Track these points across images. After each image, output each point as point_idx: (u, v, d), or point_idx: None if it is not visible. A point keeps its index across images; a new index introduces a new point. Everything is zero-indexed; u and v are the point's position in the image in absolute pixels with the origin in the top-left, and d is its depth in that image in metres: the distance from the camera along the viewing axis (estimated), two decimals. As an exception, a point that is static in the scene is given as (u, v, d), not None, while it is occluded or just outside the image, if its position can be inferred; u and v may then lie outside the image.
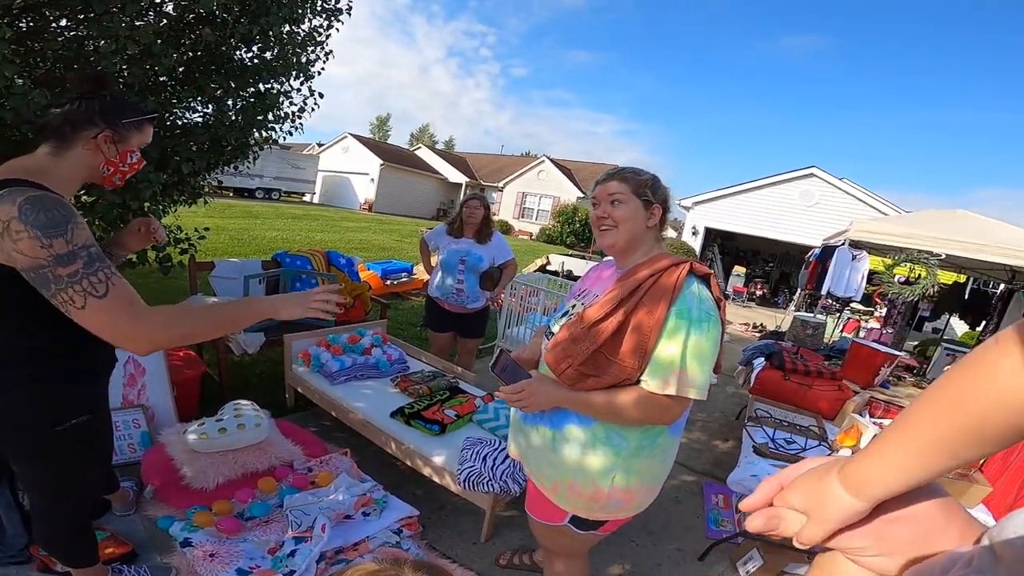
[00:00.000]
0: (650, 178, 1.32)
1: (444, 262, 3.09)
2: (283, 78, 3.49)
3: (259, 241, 9.53)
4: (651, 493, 1.37)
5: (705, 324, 1.17)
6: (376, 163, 23.99)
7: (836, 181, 13.63)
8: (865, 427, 2.40)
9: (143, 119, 1.30)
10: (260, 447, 2.16)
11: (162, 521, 1.87)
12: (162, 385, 2.52)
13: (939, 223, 5.53)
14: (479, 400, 2.67)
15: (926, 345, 7.71)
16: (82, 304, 1.01)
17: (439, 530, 2.19)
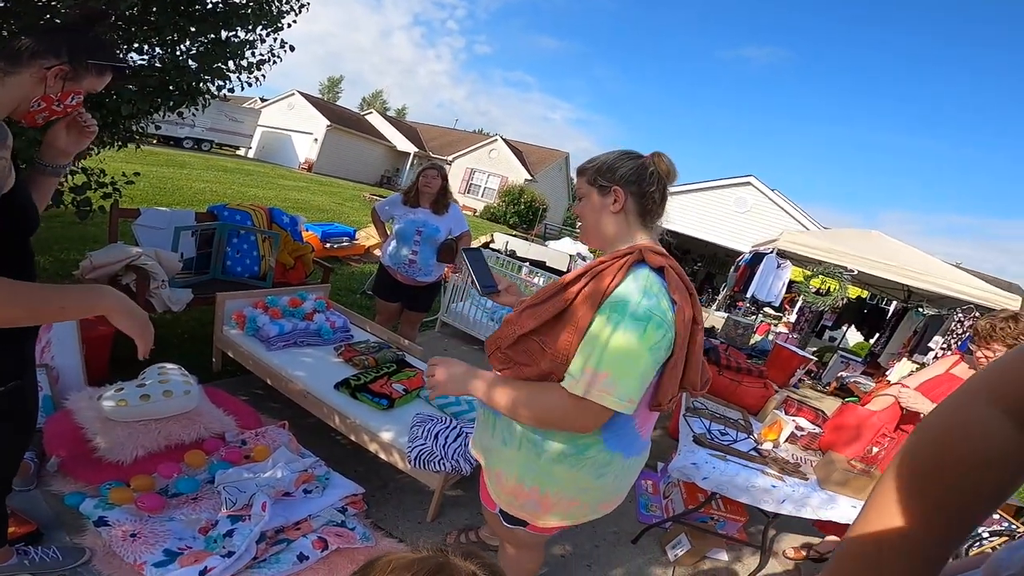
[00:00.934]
0: (605, 160, 1.16)
1: (400, 232, 2.97)
2: (250, 26, 3.23)
3: (184, 191, 8.74)
4: (580, 507, 1.23)
5: (642, 324, 0.98)
6: (323, 123, 22.84)
7: (769, 192, 14.55)
8: (785, 423, 2.60)
9: (108, 64, 1.15)
10: (187, 416, 1.97)
11: (70, 498, 1.65)
12: (71, 342, 2.21)
13: (856, 241, 6.10)
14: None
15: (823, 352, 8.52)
16: None
17: (384, 508, 2.12)
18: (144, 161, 11.13)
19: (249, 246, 3.30)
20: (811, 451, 2.54)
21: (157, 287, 2.75)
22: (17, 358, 1.18)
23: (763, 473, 2.17)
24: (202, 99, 3.29)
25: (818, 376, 7.06)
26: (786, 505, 2.10)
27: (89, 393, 1.95)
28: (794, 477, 2.20)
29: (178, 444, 1.90)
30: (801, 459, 2.42)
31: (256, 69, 3.40)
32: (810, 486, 2.16)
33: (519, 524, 1.29)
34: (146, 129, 3.38)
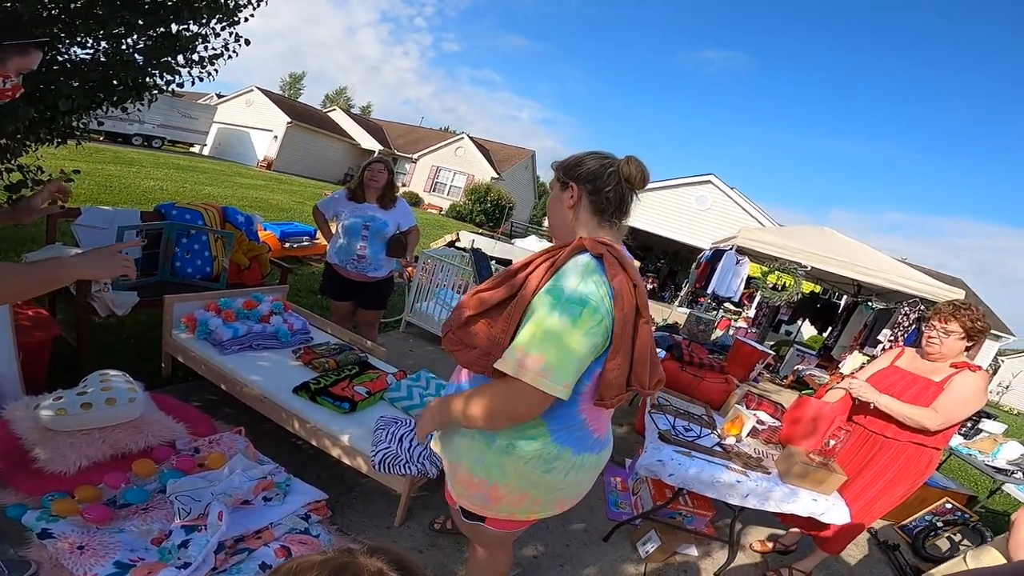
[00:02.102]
0: (574, 158, 1.21)
1: (347, 228, 2.90)
2: (203, 19, 3.07)
3: (131, 190, 8.31)
4: (530, 502, 1.22)
5: (576, 308, 1.01)
6: (283, 120, 22.23)
7: (728, 190, 15.05)
8: (747, 417, 2.65)
9: (29, 43, 1.10)
10: (133, 425, 1.85)
11: (12, 510, 1.54)
12: (5, 349, 2.07)
13: (809, 237, 6.36)
14: (391, 377, 2.55)
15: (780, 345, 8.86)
16: None
17: (349, 514, 2.07)
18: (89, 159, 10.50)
19: (200, 246, 3.14)
20: (772, 444, 2.60)
21: (99, 290, 2.59)
22: None
23: (728, 468, 2.20)
24: (148, 94, 3.12)
25: (776, 370, 7.33)
26: (750, 499, 2.13)
27: (26, 402, 1.83)
28: (757, 471, 2.24)
29: (125, 453, 1.80)
30: (763, 453, 2.47)
31: (209, 64, 3.24)
32: (772, 480, 2.20)
33: (478, 520, 1.29)
34: (88, 125, 3.16)
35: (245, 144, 23.04)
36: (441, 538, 2.07)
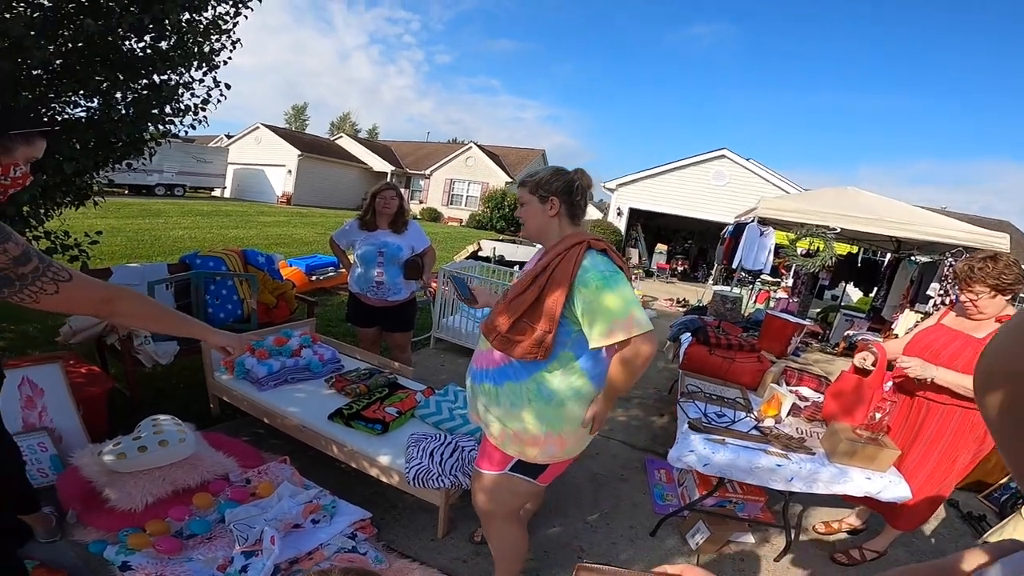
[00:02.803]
0: (545, 176, 1.51)
1: (362, 256, 2.97)
2: (182, 69, 3.19)
3: (163, 242, 8.70)
4: (582, 437, 1.54)
5: (615, 278, 1.37)
6: (294, 154, 22.69)
7: (744, 162, 14.67)
8: (784, 396, 2.54)
9: (33, 131, 1.20)
10: (189, 462, 2.01)
11: (94, 546, 1.74)
12: (65, 405, 2.29)
13: (834, 199, 6.13)
14: (420, 395, 2.63)
15: (827, 312, 8.54)
16: (55, 290, 1.12)
17: (394, 530, 2.14)
18: (117, 214, 11.11)
19: (228, 291, 3.30)
20: (817, 422, 2.46)
21: (141, 343, 2.75)
22: None
23: (765, 452, 2.11)
24: (147, 148, 3.24)
25: (825, 338, 7.07)
26: (796, 483, 2.04)
27: (91, 449, 2.02)
28: (799, 453, 2.13)
29: (184, 488, 1.97)
30: (807, 432, 2.35)
31: (200, 111, 3.34)
32: (818, 460, 2.09)
33: (533, 474, 1.55)
34: (99, 185, 3.31)
35: (262, 182, 23.67)
36: (483, 547, 2.12)
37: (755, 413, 2.56)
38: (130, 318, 1.27)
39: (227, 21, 3.34)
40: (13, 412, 2.15)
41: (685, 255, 17.00)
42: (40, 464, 2.10)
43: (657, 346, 1.40)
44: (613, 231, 15.23)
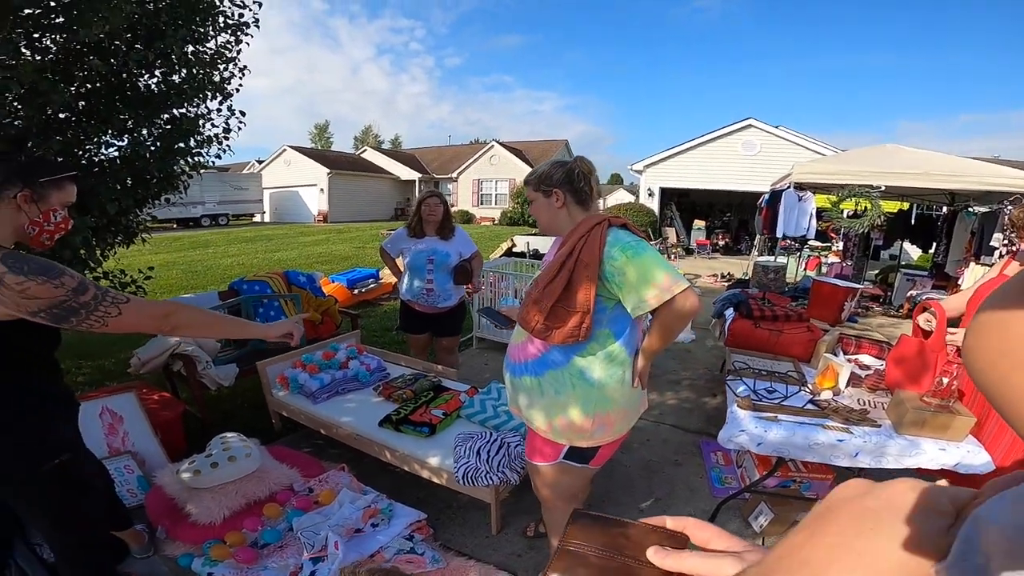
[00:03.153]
0: (544, 171, 1.55)
1: (411, 264, 3.02)
2: (197, 100, 3.33)
3: (214, 270, 9.18)
4: (628, 415, 1.57)
5: (640, 246, 1.42)
6: (323, 172, 23.35)
7: (773, 129, 14.12)
8: (840, 366, 2.41)
9: (62, 177, 1.30)
10: (256, 475, 2.14)
11: (182, 559, 1.89)
12: (143, 429, 2.50)
13: (874, 158, 5.82)
14: (464, 395, 2.68)
15: (886, 272, 8.07)
16: (117, 313, 1.21)
17: (450, 529, 2.20)
18: (170, 248, 11.82)
19: (275, 312, 3.47)
20: (882, 392, 2.31)
21: (204, 368, 2.93)
22: (66, 434, 1.40)
23: (823, 428, 2.01)
24: (179, 181, 3.38)
25: (887, 300, 6.70)
26: (862, 458, 1.92)
27: (171, 469, 2.19)
28: (863, 426, 2.01)
29: (256, 500, 2.10)
30: (871, 403, 2.21)
31: (223, 140, 3.45)
32: (884, 433, 1.97)
33: (586, 459, 1.57)
34: (144, 222, 3.48)
35: (297, 203, 24.49)
36: (537, 540, 2.15)
37: (810, 386, 2.46)
38: (190, 328, 1.36)
39: (230, 49, 3.45)
40: (98, 439, 2.35)
41: (725, 228, 16.46)
42: (128, 485, 2.29)
43: (697, 300, 1.40)
44: (647, 212, 14.93)
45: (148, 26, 2.92)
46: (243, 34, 3.48)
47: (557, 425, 1.53)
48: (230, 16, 3.39)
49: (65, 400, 1.41)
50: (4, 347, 1.19)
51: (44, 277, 1.13)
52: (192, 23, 3.14)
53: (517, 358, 1.59)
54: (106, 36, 2.67)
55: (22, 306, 1.12)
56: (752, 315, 3.28)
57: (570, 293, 1.42)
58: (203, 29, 3.24)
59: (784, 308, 3.46)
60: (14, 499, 1.39)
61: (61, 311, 1.15)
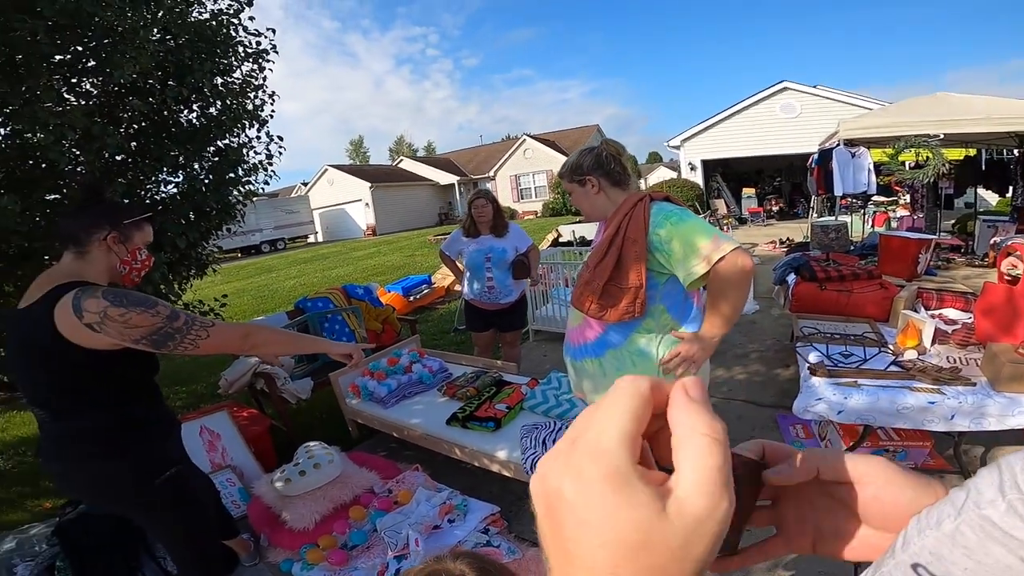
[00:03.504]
0: (574, 161, 1.57)
1: (470, 264, 3.10)
2: (236, 129, 3.47)
3: (280, 293, 9.72)
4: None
5: (683, 214, 1.42)
6: (365, 187, 24.10)
7: (811, 89, 13.49)
8: (922, 323, 2.25)
9: (141, 218, 1.43)
10: (340, 480, 2.27)
11: (284, 565, 2.03)
12: (238, 444, 2.72)
13: (925, 107, 5.50)
14: (525, 387, 2.72)
15: (964, 221, 7.47)
16: (206, 336, 1.31)
17: (523, 521, 2.25)
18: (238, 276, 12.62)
19: (340, 325, 3.65)
20: (973, 347, 2.14)
21: (283, 384, 3.14)
22: (172, 449, 1.53)
23: (911, 390, 1.88)
24: (236, 211, 3.55)
25: (970, 250, 6.18)
26: (959, 420, 1.79)
27: (265, 479, 2.37)
28: (955, 385, 1.87)
29: (342, 504, 2.23)
30: (962, 360, 2.06)
31: (267, 166, 3.59)
32: (980, 392, 1.82)
33: None
34: (211, 254, 3.68)
35: (346, 220, 25.43)
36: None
37: (891, 347, 2.31)
38: (266, 346, 1.45)
39: (255, 77, 3.59)
40: (201, 455, 2.57)
41: (778, 193, 15.65)
42: (232, 496, 2.48)
43: (750, 259, 1.37)
44: (691, 187, 14.45)
45: (175, 62, 3.08)
46: (264, 60, 3.60)
47: None
48: (248, 45, 3.52)
49: (168, 421, 1.54)
50: (111, 376, 1.31)
51: (142, 308, 1.24)
52: (214, 56, 3.28)
53: (576, 341, 1.60)
54: (139, 76, 2.82)
55: (126, 335, 1.23)
56: (816, 277, 3.13)
57: (621, 271, 1.43)
58: (226, 60, 3.38)
59: (851, 267, 3.28)
60: (137, 516, 1.52)
61: (159, 337, 1.26)
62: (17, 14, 2.18)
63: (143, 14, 2.76)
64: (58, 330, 1.21)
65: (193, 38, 3.16)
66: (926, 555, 0.24)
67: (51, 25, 2.37)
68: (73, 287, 1.25)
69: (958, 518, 0.24)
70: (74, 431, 1.33)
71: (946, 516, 0.24)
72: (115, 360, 1.29)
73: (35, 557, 2.10)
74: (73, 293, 1.22)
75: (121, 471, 1.38)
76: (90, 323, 1.20)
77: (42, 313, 1.22)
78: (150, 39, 2.68)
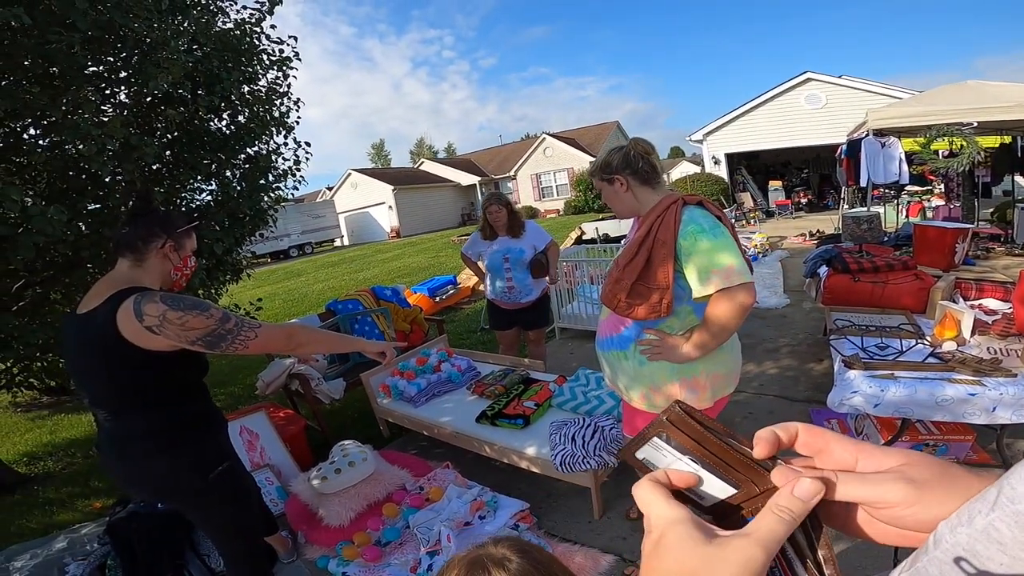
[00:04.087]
0: (603, 160, 1.59)
1: (490, 266, 3.15)
2: (265, 136, 3.56)
3: (310, 296, 9.95)
4: (726, 380, 1.58)
5: (715, 230, 1.41)
6: (388, 190, 24.33)
7: (836, 80, 13.09)
8: (961, 313, 2.19)
9: (190, 227, 1.52)
10: (373, 478, 2.33)
11: (320, 561, 2.09)
12: (275, 444, 2.81)
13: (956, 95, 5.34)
14: (552, 384, 2.74)
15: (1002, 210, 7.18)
16: (255, 336, 1.38)
17: (553, 516, 2.27)
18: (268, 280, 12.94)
19: (369, 326, 3.74)
20: (1013, 337, 2.09)
21: (316, 384, 3.23)
22: (222, 446, 1.59)
23: (949, 382, 1.84)
24: (268, 216, 3.63)
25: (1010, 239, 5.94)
26: (1001, 412, 1.75)
27: (302, 478, 2.44)
28: (996, 376, 1.83)
29: (375, 501, 2.30)
30: (1002, 351, 2.01)
31: (295, 172, 3.66)
32: (1022, 382, 1.78)
33: None
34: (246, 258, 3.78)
35: (370, 223, 25.74)
36: (640, 522, 2.15)
37: (928, 338, 2.26)
38: (309, 345, 1.52)
39: (280, 84, 3.68)
40: (241, 455, 2.63)
41: (806, 185, 15.24)
42: (270, 495, 2.57)
43: (755, 298, 1.39)
44: (715, 181, 14.19)
45: (205, 72, 3.18)
46: (288, 68, 3.69)
47: (649, 395, 1.58)
48: (272, 53, 3.61)
49: (219, 418, 1.62)
50: (168, 376, 1.39)
51: (198, 311, 1.31)
52: (240, 64, 3.38)
53: (605, 333, 1.65)
54: (170, 86, 2.89)
55: (183, 337, 1.30)
56: (849, 269, 3.06)
57: (649, 271, 1.46)
58: (251, 69, 3.47)
59: (886, 258, 3.19)
60: (191, 511, 1.59)
61: (213, 338, 1.33)
62: (53, 28, 2.27)
63: (171, 24, 2.85)
64: (120, 333, 1.28)
65: (219, 47, 3.26)
66: (960, 551, 0.25)
67: (86, 37, 2.45)
68: (131, 292, 1.32)
69: (991, 514, 0.25)
70: (135, 429, 1.41)
71: (978, 512, 0.25)
72: (172, 361, 1.37)
73: (87, 556, 2.21)
74: (133, 298, 1.29)
75: (180, 466, 1.45)
76: (150, 326, 1.27)
77: (105, 317, 1.29)
78: (179, 50, 2.77)
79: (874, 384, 1.93)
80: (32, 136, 2.86)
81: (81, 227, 2.79)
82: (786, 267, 6.48)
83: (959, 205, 7.21)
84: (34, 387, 3.81)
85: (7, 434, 4.57)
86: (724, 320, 1.40)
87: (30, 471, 3.64)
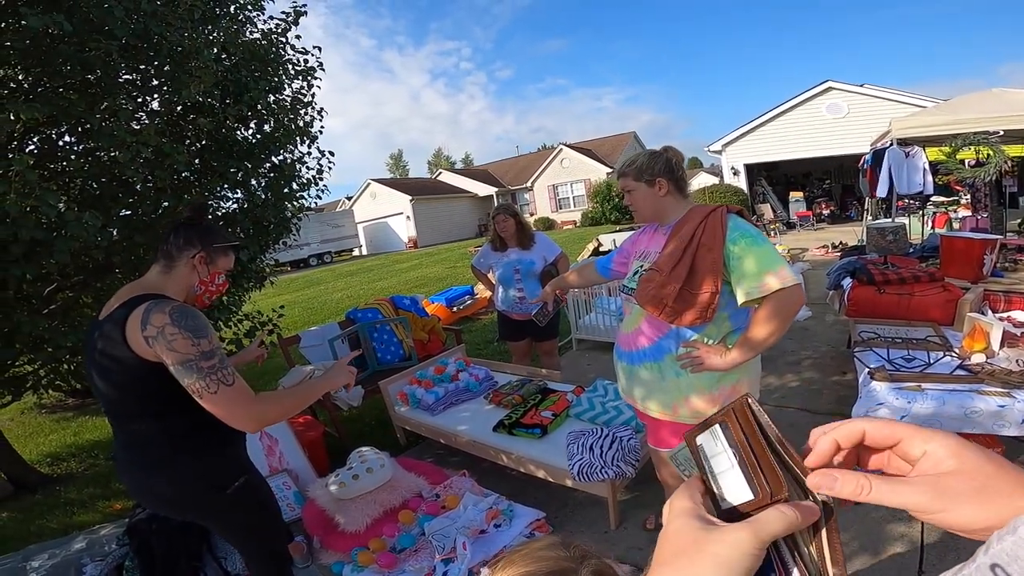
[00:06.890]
0: (644, 161, 1.60)
1: (500, 277, 3.17)
2: (290, 146, 3.63)
3: (329, 305, 10.08)
4: (754, 384, 1.62)
5: (759, 237, 1.47)
6: (406, 200, 24.57)
7: (858, 89, 12.91)
8: (989, 325, 2.15)
9: (228, 246, 1.49)
10: (390, 485, 2.34)
11: (335, 567, 2.09)
12: (294, 449, 2.84)
13: (981, 104, 5.22)
14: (570, 395, 2.73)
15: (1031, 219, 6.99)
16: (215, 390, 1.22)
17: (568, 526, 2.25)
18: (288, 288, 13.16)
19: (388, 335, 3.78)
20: None
21: (335, 392, 3.27)
22: (239, 459, 1.53)
23: (979, 394, 1.81)
24: (292, 224, 3.70)
25: None
26: None
27: (320, 483, 2.44)
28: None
29: (391, 508, 2.29)
30: None
31: (318, 181, 3.73)
32: None
33: None
34: (269, 265, 3.84)
35: (388, 233, 26.00)
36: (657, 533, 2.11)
37: (956, 351, 2.21)
38: (278, 419, 1.39)
39: (304, 94, 3.75)
40: (260, 460, 2.70)
41: (828, 196, 15.00)
42: (287, 500, 2.59)
43: (805, 299, 1.40)
44: (735, 192, 14.06)
45: (234, 81, 3.25)
46: (313, 78, 3.76)
47: (683, 408, 1.57)
48: (297, 63, 3.69)
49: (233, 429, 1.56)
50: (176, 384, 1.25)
51: (191, 334, 1.22)
52: (267, 74, 3.46)
53: (631, 346, 1.64)
54: (201, 95, 2.95)
55: (166, 355, 1.21)
56: (874, 280, 3.01)
57: (694, 276, 1.47)
58: (277, 79, 3.55)
59: (912, 269, 3.13)
60: (211, 522, 1.53)
61: (183, 368, 1.21)
62: (92, 35, 2.32)
63: (202, 33, 2.92)
64: (126, 338, 1.23)
65: (247, 57, 3.35)
66: (1004, 557, 0.27)
67: (123, 45, 2.49)
68: (149, 299, 1.28)
69: None
70: (149, 436, 1.35)
71: (1021, 523, 0.27)
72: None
73: (105, 557, 2.21)
74: (146, 305, 1.24)
75: (197, 477, 1.38)
76: (148, 336, 1.22)
77: (117, 322, 1.25)
78: (210, 59, 2.83)
79: (901, 396, 1.89)
80: (67, 143, 2.94)
81: (113, 233, 2.86)
82: (808, 279, 6.37)
83: (987, 216, 7.04)
84: (61, 389, 3.90)
85: (31, 435, 4.69)
86: (779, 321, 1.41)
87: (53, 472, 3.72)
